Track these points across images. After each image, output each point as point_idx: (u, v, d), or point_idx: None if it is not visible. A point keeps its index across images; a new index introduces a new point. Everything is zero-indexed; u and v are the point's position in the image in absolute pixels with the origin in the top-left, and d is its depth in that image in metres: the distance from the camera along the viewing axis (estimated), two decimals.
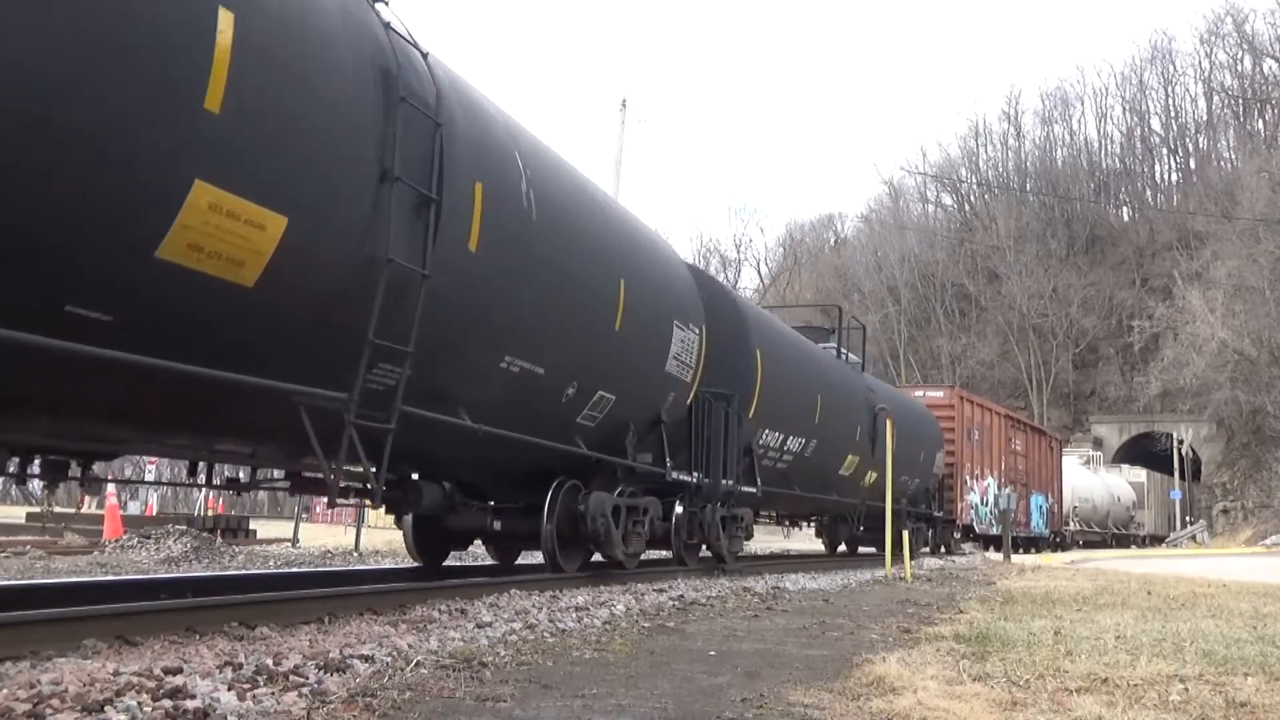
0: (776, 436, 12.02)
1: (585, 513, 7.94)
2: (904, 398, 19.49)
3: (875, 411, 15.38)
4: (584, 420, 7.81)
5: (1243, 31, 61.75)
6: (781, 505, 15.49)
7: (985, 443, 23.13)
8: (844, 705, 3.34)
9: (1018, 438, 26.17)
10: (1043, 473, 28.59)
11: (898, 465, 15.57)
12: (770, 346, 11.74)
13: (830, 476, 14.46)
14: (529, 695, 3.35)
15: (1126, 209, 68.59)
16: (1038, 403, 56.66)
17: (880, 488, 15.43)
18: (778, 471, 12.55)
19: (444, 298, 5.52)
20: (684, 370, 9.26)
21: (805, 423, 12.85)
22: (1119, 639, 5.39)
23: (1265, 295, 41.38)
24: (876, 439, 15.16)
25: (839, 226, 79.66)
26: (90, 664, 3.41)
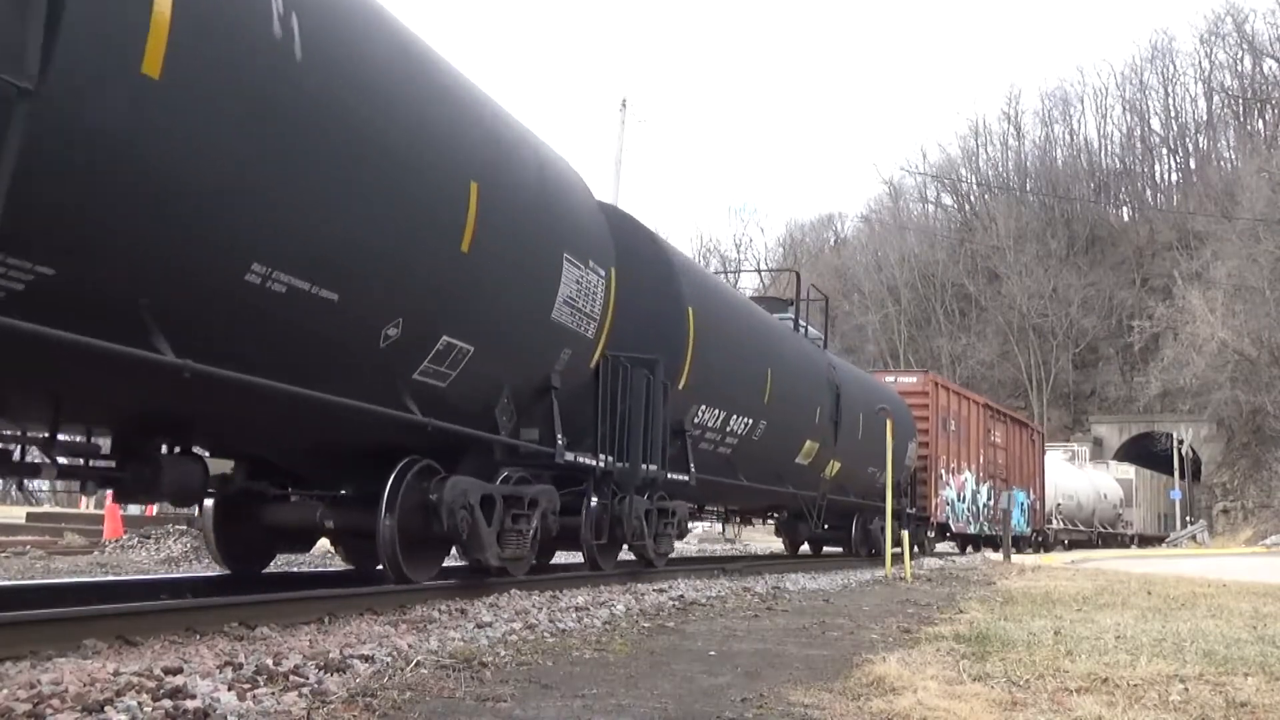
0: (716, 415, 10.36)
1: (439, 503, 6.08)
2: (872, 381, 18.02)
3: (838, 393, 13.90)
4: (426, 377, 5.92)
5: (1243, 31, 61.83)
6: (725, 498, 13.45)
7: (962, 434, 21.28)
8: (844, 705, 3.34)
9: (997, 429, 24.26)
10: (1024, 467, 26.71)
11: (862, 457, 14.90)
12: (706, 305, 10.03)
13: (785, 465, 12.77)
14: (529, 695, 3.35)
15: (1126, 209, 68.67)
16: (1038, 403, 56.67)
17: (844, 481, 14.57)
18: (719, 458, 10.82)
19: (105, 142, 3.65)
20: (583, 322, 7.41)
21: (752, 401, 11.09)
22: (1119, 639, 5.39)
23: (1265, 295, 41.38)
24: (840, 423, 13.89)
25: (839, 226, 79.77)
26: (90, 664, 3.41)
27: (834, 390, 13.99)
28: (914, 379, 20.38)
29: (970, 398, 22.61)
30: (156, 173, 3.89)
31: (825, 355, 14.73)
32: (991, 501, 22.99)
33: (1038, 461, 28.29)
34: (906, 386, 19.57)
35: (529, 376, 7.06)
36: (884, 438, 15.61)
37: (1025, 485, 26.49)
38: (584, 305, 7.39)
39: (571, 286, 7.13)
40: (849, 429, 14.42)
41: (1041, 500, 28.83)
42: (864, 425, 14.97)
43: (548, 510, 7.41)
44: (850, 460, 14.74)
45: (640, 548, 9.21)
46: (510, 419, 6.84)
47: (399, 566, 6.12)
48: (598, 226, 7.88)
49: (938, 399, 19.87)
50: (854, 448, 14.75)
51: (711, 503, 13.79)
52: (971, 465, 21.85)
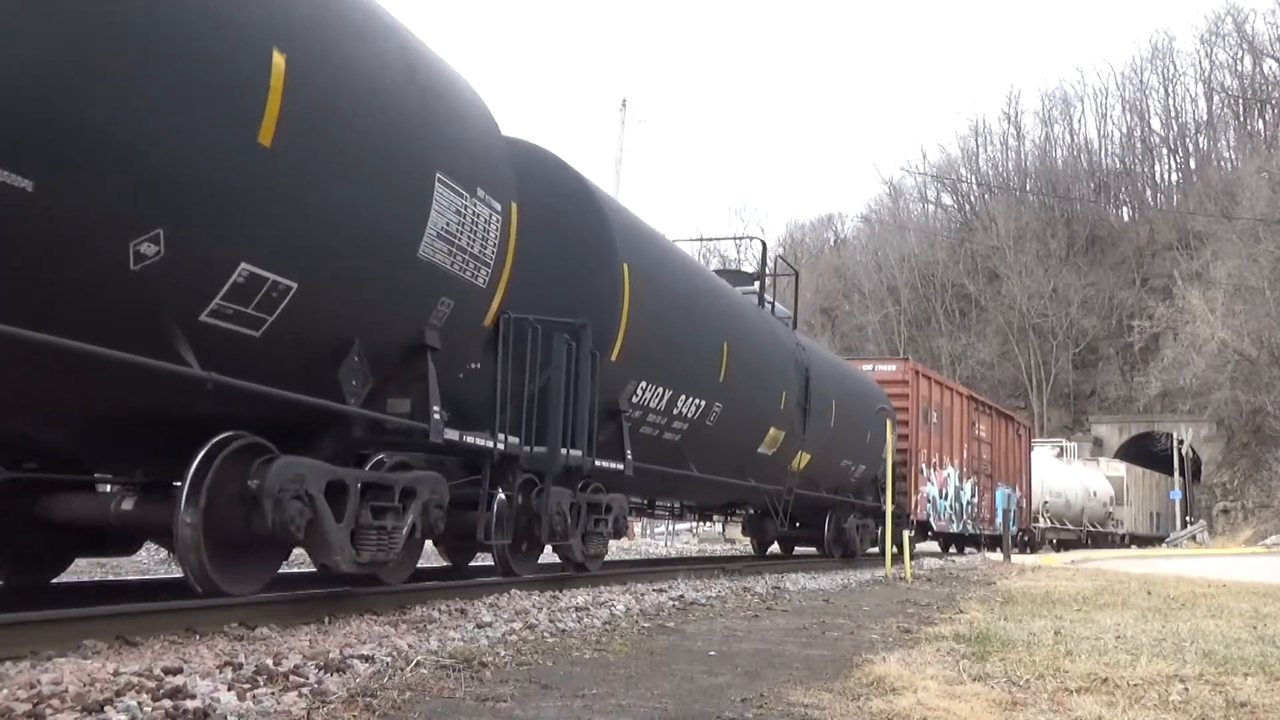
0: (659, 394, 8.91)
1: (261, 492, 4.71)
2: (843, 365, 16.63)
3: (808, 376, 12.55)
4: (224, 321, 4.41)
5: (1243, 31, 61.81)
6: (675, 491, 11.87)
7: (944, 426, 19.91)
8: (844, 705, 3.34)
9: (982, 422, 22.80)
10: (1010, 463, 25.27)
11: (835, 447, 13.82)
12: (646, 263, 8.59)
13: (745, 455, 11.27)
14: (529, 695, 3.35)
15: (1126, 209, 68.65)
16: (1038, 403, 56.69)
17: (815, 474, 13.40)
18: (666, 445, 9.38)
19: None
20: (469, 266, 5.82)
21: (704, 380, 9.62)
22: (1119, 639, 5.39)
23: (1265, 295, 41.38)
24: (810, 410, 12.55)
25: (839, 226, 79.76)
26: (90, 664, 3.41)
27: (803, 373, 12.54)
28: (893, 367, 19.03)
29: (953, 388, 21.35)
30: None
31: (793, 335, 13.28)
32: (976, 499, 21.84)
33: (1024, 457, 27.11)
34: (885, 375, 18.26)
35: (391, 330, 5.43)
36: (860, 427, 14.76)
37: (1011, 482, 25.30)
38: (470, 244, 5.77)
39: (450, 218, 5.52)
40: (820, 417, 13.10)
41: (1028, 498, 27.75)
42: (837, 413, 13.73)
43: (431, 503, 5.95)
44: (821, 451, 13.38)
45: (565, 549, 7.86)
46: (363, 383, 5.27)
47: (205, 573, 4.66)
48: (493, 152, 6.23)
49: (918, 388, 18.54)
50: (825, 437, 13.41)
51: (659, 497, 12.25)
52: (954, 460, 20.58)
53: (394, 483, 5.65)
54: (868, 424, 15.19)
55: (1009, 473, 25.04)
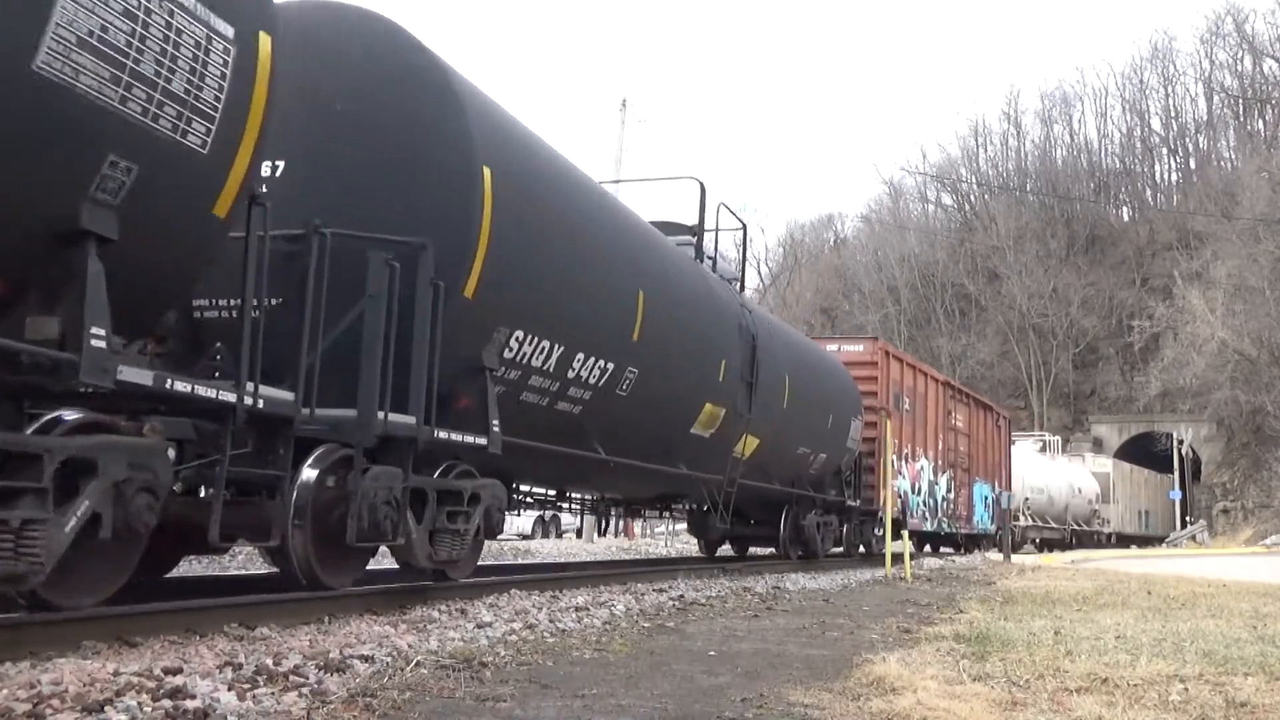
0: (545, 350, 6.89)
1: None
2: (800, 337, 14.86)
3: (754, 344, 10.72)
4: None
5: (1243, 31, 61.76)
6: (577, 478, 9.70)
7: (919, 414, 18.22)
8: (844, 705, 3.34)
9: (959, 411, 20.93)
10: (989, 456, 23.30)
11: (790, 432, 12.19)
12: (523, 176, 6.61)
13: (673, 436, 9.41)
14: (529, 695, 3.35)
15: (1126, 209, 68.59)
16: (1038, 403, 56.68)
17: (766, 462, 11.66)
18: (560, 418, 7.45)
19: None
20: (165, 112, 3.92)
21: (612, 336, 7.76)
22: (1119, 639, 5.39)
23: (1265, 295, 41.38)
24: (758, 385, 10.70)
25: (839, 226, 79.68)
26: (90, 664, 3.41)
27: (748, 340, 10.56)
28: (860, 346, 17.14)
29: (928, 373, 19.68)
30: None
31: (738, 295, 11.36)
32: (952, 494, 20.05)
33: (1004, 450, 25.16)
34: (852, 355, 16.47)
35: (20, 204, 3.59)
36: (820, 409, 13.08)
37: (990, 477, 23.30)
38: (162, 74, 3.87)
39: (108, 18, 3.63)
40: (770, 394, 11.19)
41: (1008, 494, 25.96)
42: (792, 391, 11.85)
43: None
44: (772, 436, 11.45)
45: (407, 552, 5.93)
46: None
47: None
48: None
49: (889, 371, 16.79)
50: (777, 419, 11.52)
51: (554, 485, 9.99)
52: (929, 451, 18.87)
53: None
54: (828, 406, 13.49)
55: (988, 467, 23.16)
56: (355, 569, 5.89)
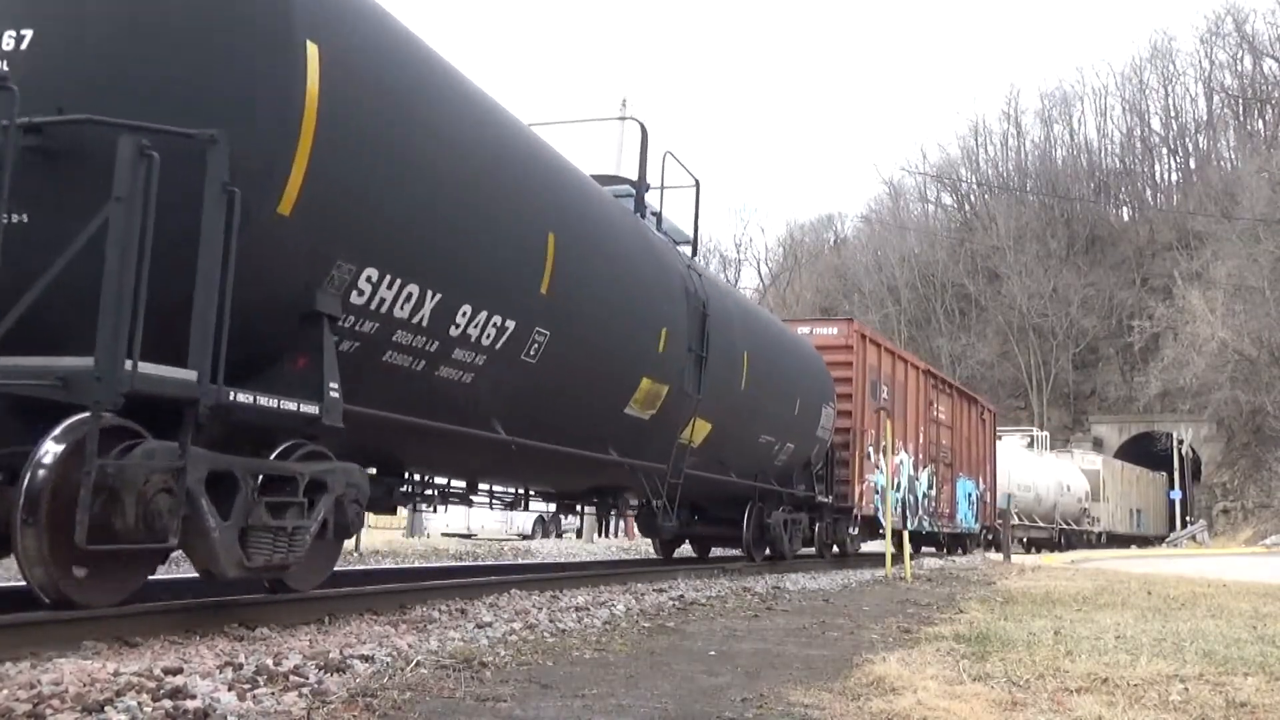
0: (412, 297, 5.41)
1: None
2: (763, 315, 13.41)
3: (705, 314, 9.34)
4: None
5: (1243, 31, 61.74)
6: (471, 464, 7.77)
7: (897, 404, 16.83)
8: (844, 705, 3.34)
9: (942, 402, 19.58)
10: (973, 451, 21.88)
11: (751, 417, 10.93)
12: (368, 56, 5.13)
13: (601, 416, 8.02)
14: (529, 695, 3.35)
15: (1126, 209, 68.58)
16: (1038, 403, 56.67)
17: (721, 451, 10.30)
18: (442, 386, 5.98)
19: None
20: None
21: (513, 287, 6.24)
22: (1119, 639, 5.39)
23: (1265, 295, 41.39)
24: (709, 361, 9.35)
25: (839, 226, 79.69)
26: (90, 664, 3.41)
27: (697, 309, 9.18)
28: (834, 329, 15.63)
29: (909, 360, 18.34)
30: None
31: (685, 258, 9.84)
32: (934, 491, 18.68)
33: (989, 445, 23.75)
34: (825, 339, 15.11)
35: None
36: (786, 392, 11.78)
37: (974, 473, 21.88)
38: None
39: None
40: (724, 372, 9.84)
41: (993, 491, 24.32)
42: (752, 372, 10.52)
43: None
44: (729, 421, 10.17)
45: (199, 553, 4.41)
46: None
47: None
48: None
49: (864, 356, 15.39)
50: (735, 403, 10.24)
51: (456, 473, 8.17)
52: (909, 445, 17.50)
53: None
54: (795, 390, 12.09)
55: (971, 462, 21.78)
56: (127, 580, 4.40)
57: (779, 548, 12.53)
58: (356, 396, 5.12)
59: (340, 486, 5.06)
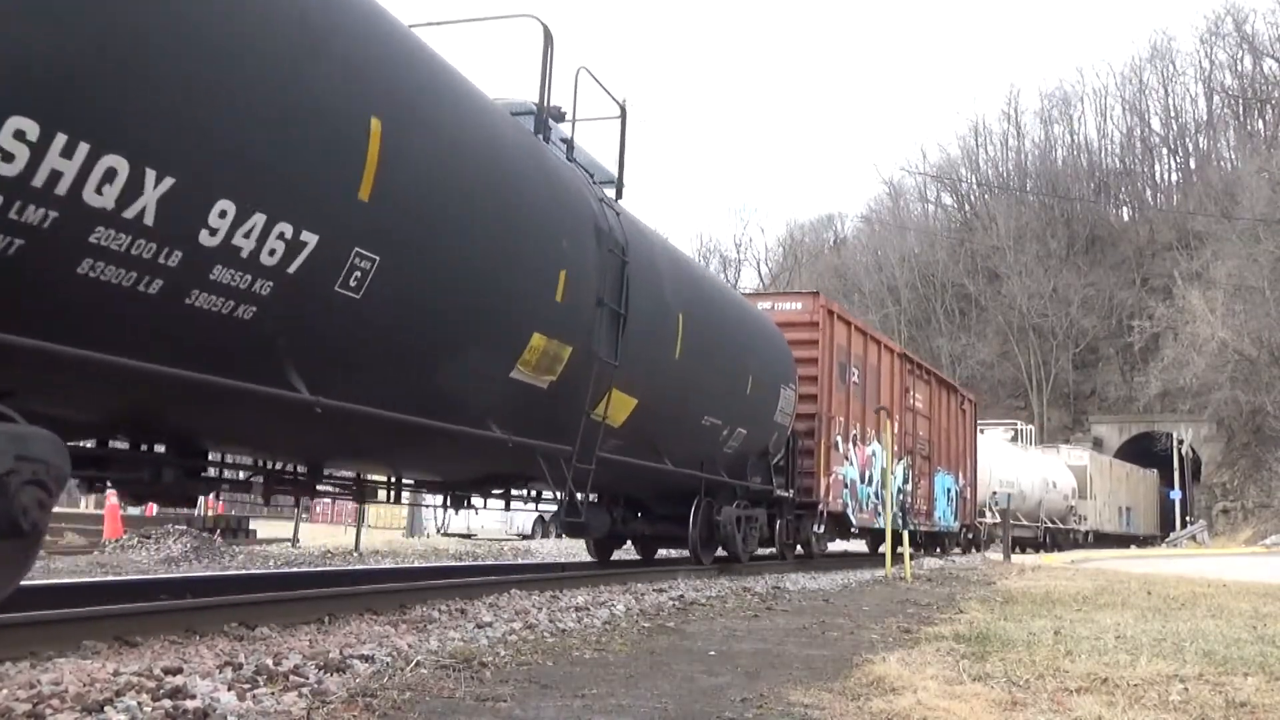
0: (121, 177, 3.69)
1: None
2: (708, 276, 11.95)
3: (625, 262, 7.66)
4: None
5: (1243, 31, 61.79)
6: (267, 435, 5.88)
7: (870, 389, 15.34)
8: (844, 705, 3.34)
9: (919, 389, 18.10)
10: (952, 444, 20.34)
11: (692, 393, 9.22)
12: None
13: (474, 379, 6.25)
14: (529, 695, 3.35)
15: (1126, 209, 68.61)
16: (1038, 403, 56.69)
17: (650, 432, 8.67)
18: (199, 319, 4.27)
19: None
20: None
21: (306, 183, 4.49)
22: (1119, 639, 5.39)
23: (1265, 295, 41.40)
24: (631, 320, 7.66)
25: (839, 226, 79.76)
26: (90, 664, 3.41)
27: (615, 256, 7.47)
28: (797, 304, 14.01)
29: (882, 341, 16.61)
30: None
31: (599, 191, 8.03)
32: (910, 486, 17.10)
33: (970, 438, 22.08)
34: (787, 314, 13.61)
35: None
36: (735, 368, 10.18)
37: (953, 467, 20.31)
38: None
39: None
40: (653, 337, 8.21)
41: (973, 487, 22.48)
42: (690, 339, 8.81)
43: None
44: (660, 397, 8.55)
45: None
46: None
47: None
48: None
49: (832, 334, 13.88)
50: (668, 376, 8.61)
51: (233, 445, 6.28)
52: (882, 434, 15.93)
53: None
54: (746, 366, 10.45)
55: (951, 455, 20.25)
56: None
57: (732, 548, 11.00)
58: (44, 326, 3.70)
59: (7, 462, 3.48)
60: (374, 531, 23.95)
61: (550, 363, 6.79)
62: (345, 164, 4.67)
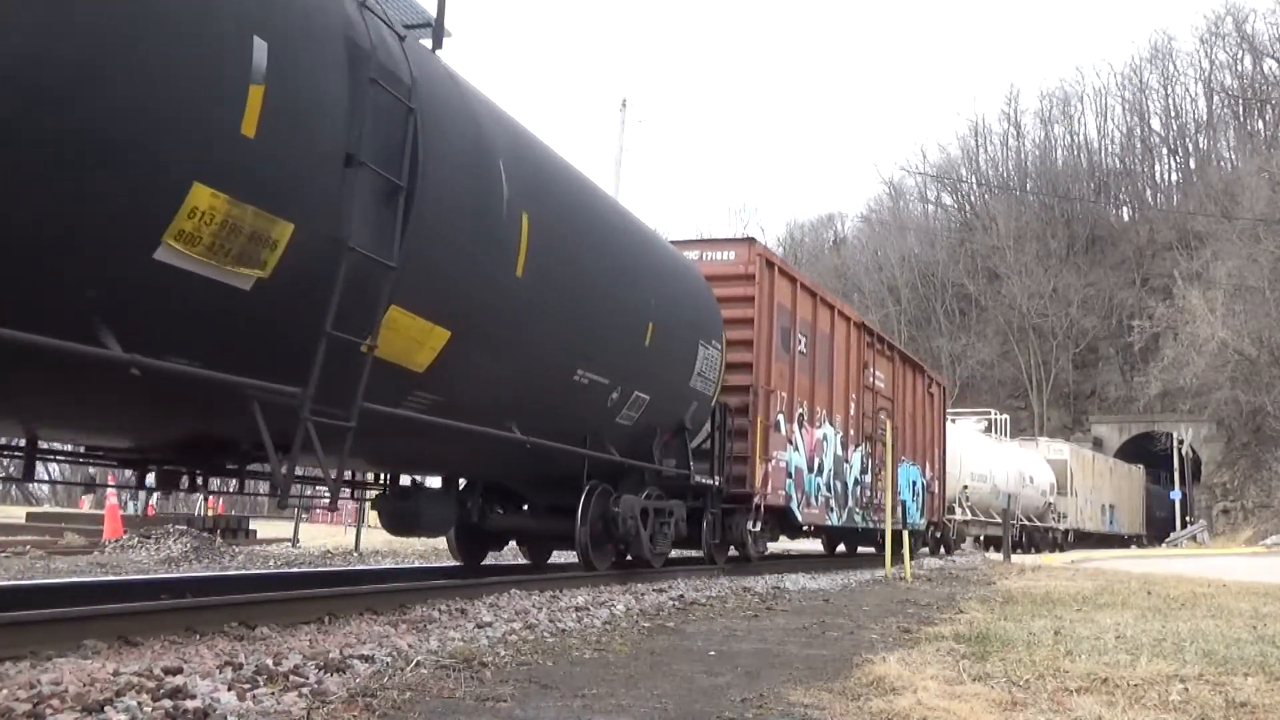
0: None
1: None
2: (582, 182, 7.72)
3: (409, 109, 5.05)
4: None
5: (1243, 31, 61.78)
6: None
7: (822, 361, 13.05)
8: (844, 705, 3.34)
9: (880, 367, 15.84)
10: (918, 431, 18.22)
11: (555, 337, 6.79)
12: None
13: (75, 254, 3.69)
14: (529, 695, 3.35)
15: (1126, 209, 68.62)
16: (1038, 403, 56.69)
17: (493, 388, 6.40)
18: None
19: None
20: None
21: None
22: (1119, 639, 5.39)
23: (1265, 295, 41.39)
24: (423, 199, 5.20)
25: (839, 226, 79.78)
26: (90, 664, 3.41)
27: (389, 96, 4.97)
28: (729, 254, 11.45)
29: (837, 307, 14.07)
30: None
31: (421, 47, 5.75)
32: (868, 477, 15.06)
33: (938, 425, 19.81)
34: (717, 266, 11.23)
35: None
36: (625, 305, 7.79)
37: (919, 458, 18.14)
38: None
39: None
40: (476, 241, 5.81)
41: (942, 480, 20.06)
42: (541, 253, 6.39)
43: None
44: (493, 333, 6.17)
45: None
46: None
47: None
48: None
49: (772, 291, 11.50)
50: (509, 300, 6.19)
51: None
52: (835, 415, 13.62)
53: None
54: (646, 307, 8.11)
55: (916, 444, 18.06)
56: None
57: (636, 549, 8.81)
58: None
59: None
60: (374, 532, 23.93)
61: (246, 244, 4.23)
62: None
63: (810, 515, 12.72)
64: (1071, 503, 34.60)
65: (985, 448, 28.32)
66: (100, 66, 3.55)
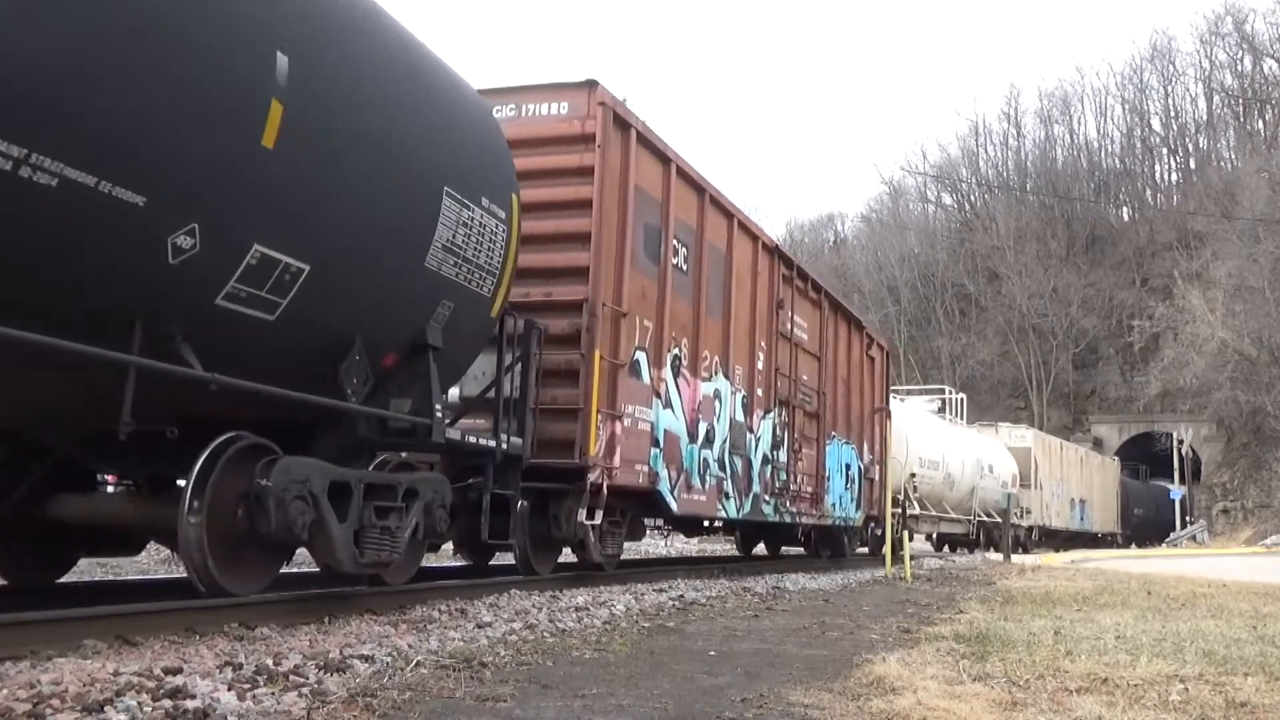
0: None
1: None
2: None
3: None
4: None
5: (1243, 31, 61.75)
6: None
7: (710, 283, 9.64)
8: (844, 705, 3.34)
9: (802, 311, 12.34)
10: (854, 401, 14.50)
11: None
12: None
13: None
14: (529, 695, 3.35)
15: (1126, 209, 68.60)
16: (1038, 403, 56.69)
17: None
18: None
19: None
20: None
21: None
22: (1119, 639, 5.39)
23: (1265, 295, 41.37)
24: None
25: (839, 226, 79.82)
26: (90, 664, 3.41)
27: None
28: (561, 105, 8.06)
29: (737, 217, 10.38)
30: None
31: None
32: (783, 455, 11.50)
33: (879, 395, 15.89)
34: (541, 124, 8.04)
35: None
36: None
37: (854, 436, 14.53)
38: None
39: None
40: None
41: (883, 465, 16.16)
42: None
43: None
44: None
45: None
46: None
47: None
48: None
49: (627, 165, 8.18)
50: None
51: None
52: (732, 367, 10.12)
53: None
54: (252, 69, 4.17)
55: (851, 417, 14.42)
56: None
57: (337, 558, 5.20)
58: None
59: None
60: None
61: None
62: None
63: (692, 503, 9.13)
64: (1037, 497, 30.46)
65: (938, 431, 24.13)
66: None
